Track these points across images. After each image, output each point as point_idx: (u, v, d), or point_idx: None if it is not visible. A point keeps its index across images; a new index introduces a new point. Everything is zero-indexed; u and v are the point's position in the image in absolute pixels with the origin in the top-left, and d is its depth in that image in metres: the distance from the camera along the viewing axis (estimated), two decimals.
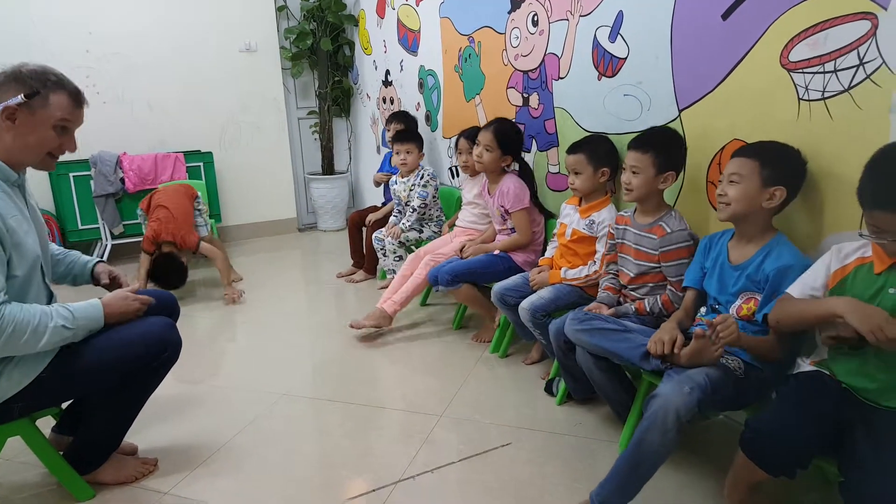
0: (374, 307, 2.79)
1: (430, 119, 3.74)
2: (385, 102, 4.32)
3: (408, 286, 2.76)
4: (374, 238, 3.33)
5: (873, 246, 1.32)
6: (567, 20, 2.46)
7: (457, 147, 3.05)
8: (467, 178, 2.97)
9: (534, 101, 2.75)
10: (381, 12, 4.17)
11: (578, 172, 2.19)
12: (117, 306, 1.61)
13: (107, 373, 1.57)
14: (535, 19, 2.66)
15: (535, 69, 2.70)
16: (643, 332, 1.73)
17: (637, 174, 1.87)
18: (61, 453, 1.68)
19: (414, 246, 3.17)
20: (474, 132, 2.76)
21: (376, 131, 4.60)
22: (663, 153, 1.85)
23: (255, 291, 3.53)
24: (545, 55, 2.62)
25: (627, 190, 1.90)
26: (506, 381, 2.35)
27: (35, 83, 1.46)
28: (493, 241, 2.71)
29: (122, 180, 4.01)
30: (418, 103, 3.84)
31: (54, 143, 1.52)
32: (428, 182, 3.23)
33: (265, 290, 3.57)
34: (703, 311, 1.74)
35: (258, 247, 4.60)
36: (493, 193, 2.65)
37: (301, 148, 5.06)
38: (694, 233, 1.88)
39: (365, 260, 3.67)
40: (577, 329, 1.79)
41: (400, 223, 3.25)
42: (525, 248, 2.59)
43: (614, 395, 1.90)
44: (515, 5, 2.78)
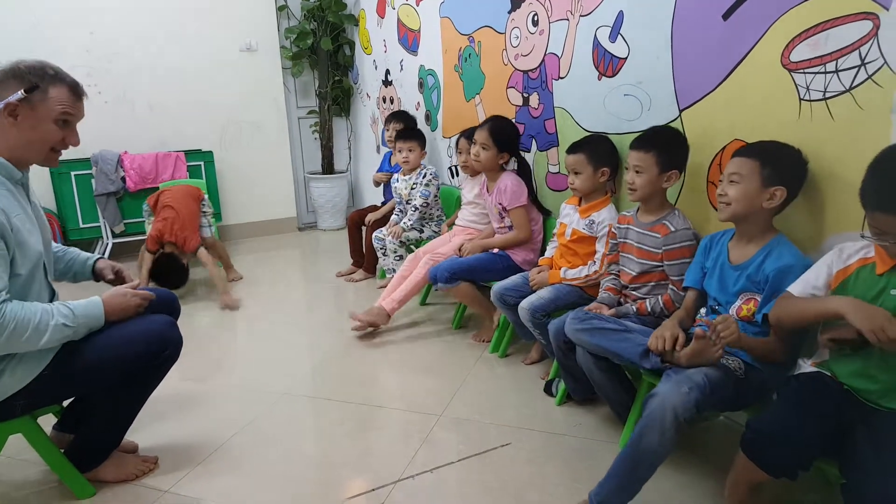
0: (373, 306, 2.79)
1: (429, 119, 3.74)
2: (385, 102, 4.32)
3: (406, 285, 2.76)
4: (374, 237, 3.33)
5: (875, 247, 1.32)
6: (567, 20, 2.46)
7: (457, 147, 3.05)
8: (467, 178, 2.97)
9: (534, 100, 2.75)
10: (381, 12, 4.17)
11: (578, 172, 2.19)
12: (117, 303, 1.61)
13: (108, 371, 1.58)
14: (536, 19, 2.65)
15: (536, 69, 2.70)
16: (643, 332, 1.73)
17: (640, 173, 1.87)
18: (62, 451, 1.69)
19: (414, 245, 3.17)
20: (474, 132, 2.76)
21: (376, 131, 4.60)
22: (666, 152, 1.85)
23: (254, 290, 3.53)
24: (545, 55, 2.62)
25: (631, 189, 1.90)
26: (505, 381, 2.35)
27: (33, 77, 1.46)
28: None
29: (123, 179, 4.02)
30: (418, 103, 3.84)
31: (57, 136, 1.52)
32: (430, 181, 3.24)
33: (265, 289, 3.57)
34: (703, 311, 1.74)
35: (258, 246, 4.60)
36: (491, 191, 2.66)
37: (301, 147, 5.06)
38: (697, 232, 1.88)
39: (364, 259, 3.67)
40: (577, 329, 1.79)
41: (401, 222, 3.25)
42: (524, 245, 2.59)
43: (614, 396, 1.90)
44: (515, 5, 2.78)
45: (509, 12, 2.83)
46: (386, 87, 4.28)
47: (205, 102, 4.45)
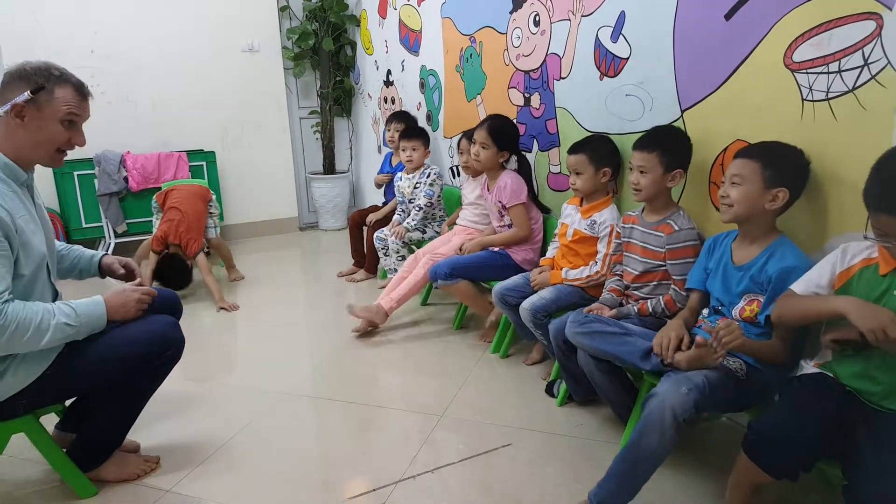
0: (371, 304, 2.78)
1: (431, 119, 3.74)
2: (386, 102, 4.32)
3: (405, 285, 2.77)
4: (376, 238, 3.33)
5: (879, 248, 1.31)
6: (569, 20, 2.46)
7: (458, 147, 3.05)
8: (468, 179, 2.97)
9: (535, 101, 2.74)
10: (382, 12, 4.17)
11: (580, 173, 2.19)
12: (118, 300, 1.60)
13: (110, 370, 1.58)
14: (537, 19, 2.65)
15: (537, 69, 2.70)
16: (644, 334, 1.72)
17: (645, 174, 1.87)
18: (64, 450, 1.69)
19: (415, 246, 3.17)
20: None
21: (377, 131, 4.60)
22: (670, 151, 1.85)
23: (256, 290, 3.54)
24: (547, 55, 2.62)
25: (636, 190, 1.90)
26: (506, 382, 2.34)
27: (39, 78, 1.47)
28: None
29: (126, 179, 4.03)
30: (419, 103, 3.84)
31: (63, 137, 1.53)
32: (434, 181, 3.25)
33: (266, 289, 3.57)
34: (705, 312, 1.74)
35: (259, 246, 4.60)
36: (492, 190, 2.66)
37: (303, 147, 5.07)
38: (701, 232, 1.88)
39: (366, 259, 3.67)
40: (577, 332, 1.78)
41: (404, 222, 3.25)
42: (523, 244, 2.59)
43: (615, 397, 1.90)
44: (517, 5, 2.77)
45: (511, 12, 2.82)
46: (387, 87, 4.28)
47: (207, 103, 4.46)
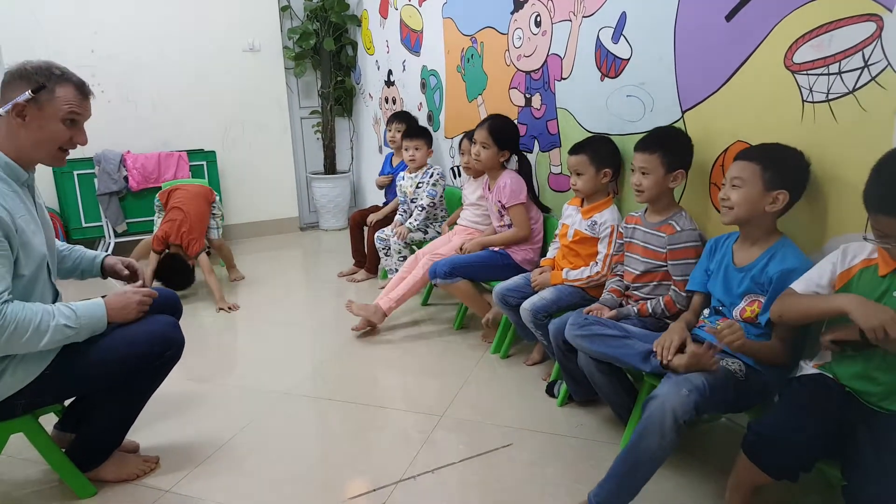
0: (369, 303, 2.78)
1: (432, 119, 3.74)
2: (387, 102, 4.32)
3: (404, 285, 2.77)
4: (377, 238, 3.33)
5: (878, 249, 1.31)
6: (570, 21, 2.46)
7: (460, 148, 3.05)
8: (469, 180, 2.97)
9: (536, 101, 2.74)
10: (383, 12, 4.17)
11: (580, 173, 2.19)
12: (119, 302, 1.60)
13: (110, 371, 1.58)
14: (538, 20, 2.65)
15: (538, 70, 2.70)
16: (643, 335, 1.73)
17: (647, 175, 1.87)
18: (63, 450, 1.69)
19: (416, 247, 3.17)
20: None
21: (378, 131, 4.60)
22: (671, 152, 1.85)
23: (256, 290, 3.54)
24: (548, 56, 2.62)
25: (638, 192, 1.90)
26: (507, 382, 2.34)
27: (40, 77, 1.47)
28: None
29: (126, 179, 4.02)
30: (420, 103, 3.84)
31: (65, 136, 1.53)
32: (437, 181, 3.25)
33: (267, 289, 3.57)
34: (706, 312, 1.74)
35: (260, 245, 4.60)
36: (492, 190, 2.66)
37: (303, 147, 5.06)
38: (703, 233, 1.88)
39: (366, 259, 3.67)
40: (577, 335, 1.78)
41: (407, 222, 3.25)
42: (523, 243, 2.59)
43: (615, 398, 1.90)
44: (518, 6, 2.78)
45: (512, 13, 2.83)
46: (388, 87, 4.28)
47: (207, 102, 4.46)
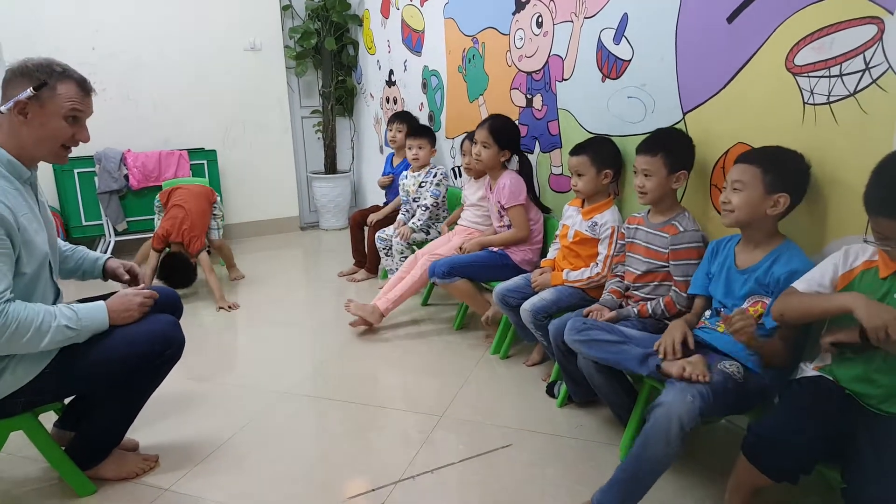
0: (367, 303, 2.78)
1: (433, 119, 3.74)
2: (388, 102, 4.32)
3: (403, 285, 2.77)
4: (378, 238, 3.34)
5: (879, 251, 1.31)
6: (571, 22, 2.46)
7: (461, 149, 3.05)
8: (470, 181, 2.97)
9: (537, 102, 2.75)
10: (385, 12, 4.17)
11: (581, 174, 2.19)
12: (120, 303, 1.60)
13: (110, 369, 1.57)
14: (540, 21, 2.65)
15: (539, 70, 2.70)
16: (643, 337, 1.72)
17: (649, 177, 1.87)
18: (63, 448, 1.69)
19: (417, 247, 3.17)
20: None
21: (379, 131, 4.60)
22: (673, 153, 1.85)
23: (256, 290, 3.54)
24: (549, 56, 2.62)
25: (641, 193, 1.90)
26: (507, 383, 2.34)
27: (41, 75, 1.47)
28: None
29: (126, 177, 4.02)
30: (421, 103, 3.84)
31: (67, 133, 1.53)
32: (441, 181, 3.26)
33: (267, 289, 3.57)
34: (707, 314, 1.74)
35: (260, 245, 4.60)
36: (493, 190, 2.66)
37: (304, 147, 5.06)
38: (706, 234, 1.88)
39: (366, 259, 3.67)
40: (576, 339, 1.77)
41: (409, 222, 3.24)
42: (523, 244, 2.59)
43: (615, 399, 1.90)
44: (520, 6, 2.78)
45: (513, 14, 2.83)
46: (389, 87, 4.29)
47: (208, 101, 4.46)
